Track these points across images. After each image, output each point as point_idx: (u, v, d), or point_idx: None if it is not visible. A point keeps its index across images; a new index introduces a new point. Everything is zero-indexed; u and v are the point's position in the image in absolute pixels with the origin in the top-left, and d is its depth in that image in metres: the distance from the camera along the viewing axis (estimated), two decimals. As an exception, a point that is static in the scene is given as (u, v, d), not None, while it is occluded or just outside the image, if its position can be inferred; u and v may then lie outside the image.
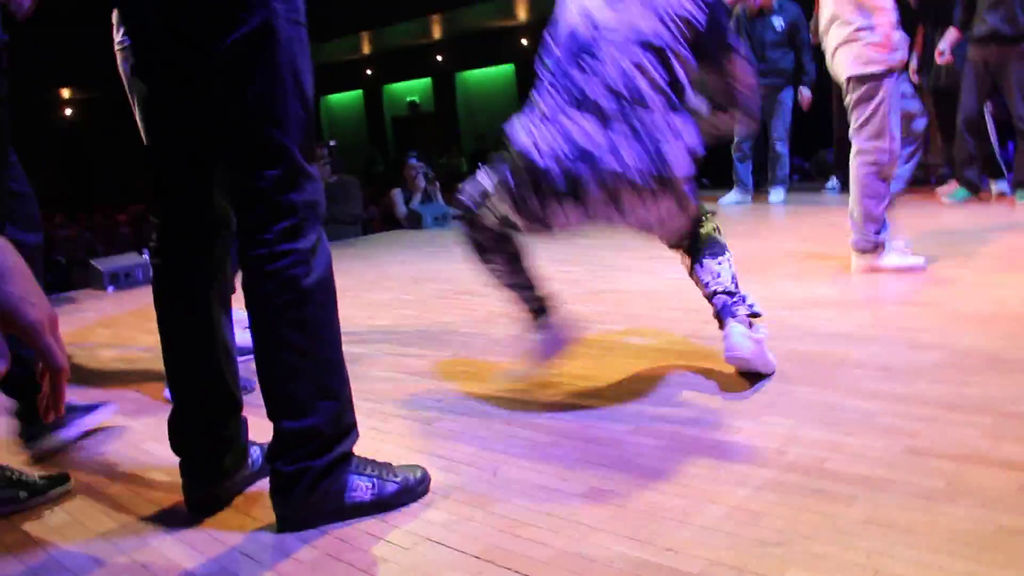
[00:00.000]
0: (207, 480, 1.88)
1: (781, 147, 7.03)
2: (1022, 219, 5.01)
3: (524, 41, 16.00)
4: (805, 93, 6.99)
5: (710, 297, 2.43)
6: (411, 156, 8.18)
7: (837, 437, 1.93)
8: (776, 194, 7.04)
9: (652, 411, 2.25)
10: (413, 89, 18.77)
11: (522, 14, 15.69)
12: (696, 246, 2.47)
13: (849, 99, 3.67)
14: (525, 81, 14.86)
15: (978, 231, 4.63)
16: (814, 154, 8.69)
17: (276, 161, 1.66)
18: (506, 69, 17.62)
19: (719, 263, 2.43)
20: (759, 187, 7.35)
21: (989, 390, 2.13)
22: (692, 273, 2.49)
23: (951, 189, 6.16)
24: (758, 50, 6.86)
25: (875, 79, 3.54)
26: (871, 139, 3.62)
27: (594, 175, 2.13)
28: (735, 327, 2.35)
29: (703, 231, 2.46)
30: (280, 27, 1.62)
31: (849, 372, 2.39)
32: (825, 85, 7.05)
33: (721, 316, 2.40)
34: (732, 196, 7.18)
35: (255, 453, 2.00)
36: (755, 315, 2.40)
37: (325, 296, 1.73)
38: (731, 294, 2.40)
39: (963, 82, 5.86)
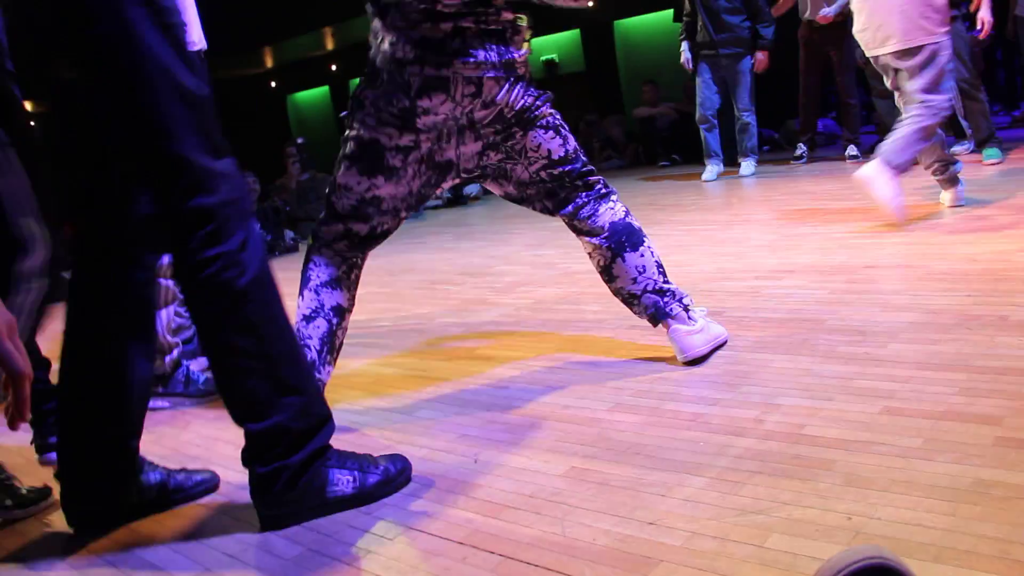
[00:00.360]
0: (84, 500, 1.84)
1: (748, 117, 6.98)
2: (987, 177, 5.04)
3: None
4: (759, 57, 6.89)
5: (638, 296, 2.38)
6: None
7: (814, 402, 1.94)
8: (747, 166, 7.01)
9: (630, 387, 2.25)
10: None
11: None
12: (590, 216, 2.37)
13: (912, 63, 3.80)
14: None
15: (937, 191, 4.65)
16: (783, 124, 8.71)
17: (175, 171, 1.61)
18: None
19: (640, 255, 2.36)
20: (731, 160, 7.34)
21: (962, 347, 2.15)
22: (609, 268, 2.39)
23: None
24: (714, 19, 6.79)
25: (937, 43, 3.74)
26: (934, 93, 3.79)
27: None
28: (678, 329, 2.36)
29: (614, 216, 2.37)
30: (141, 34, 1.55)
31: (825, 337, 2.40)
32: (790, 52, 7.05)
33: (656, 318, 2.38)
34: (711, 171, 7.12)
35: (153, 478, 1.92)
36: (688, 308, 2.39)
37: (264, 292, 1.69)
38: (662, 292, 2.37)
39: None
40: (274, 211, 7.37)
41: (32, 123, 2.03)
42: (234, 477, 2.01)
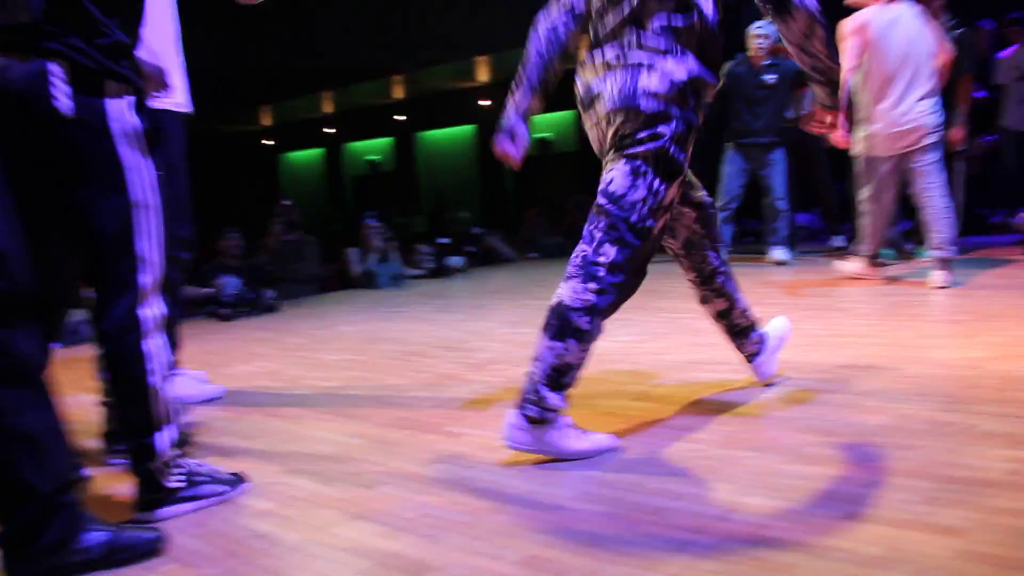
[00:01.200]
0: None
1: (782, 204, 6.77)
2: (968, 283, 5.10)
3: (483, 102, 16.16)
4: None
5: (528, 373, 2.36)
6: (369, 216, 8.19)
7: (778, 503, 1.92)
8: (781, 253, 6.77)
9: (595, 476, 2.23)
10: (374, 148, 18.84)
11: (482, 75, 15.91)
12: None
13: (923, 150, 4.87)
14: (485, 141, 15.03)
15: (917, 292, 4.71)
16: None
17: None
18: (466, 130, 17.76)
19: (549, 348, 2.30)
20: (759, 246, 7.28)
21: (929, 454, 2.14)
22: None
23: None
24: (752, 107, 6.73)
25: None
26: None
27: None
28: (512, 416, 2.35)
29: (564, 299, 2.31)
30: None
31: (793, 436, 2.39)
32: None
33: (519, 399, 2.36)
34: None
35: (98, 537, 1.87)
36: (545, 416, 2.32)
37: None
38: (534, 391, 2.31)
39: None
40: (256, 269, 7.37)
41: None
42: (188, 542, 1.97)
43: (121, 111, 1.99)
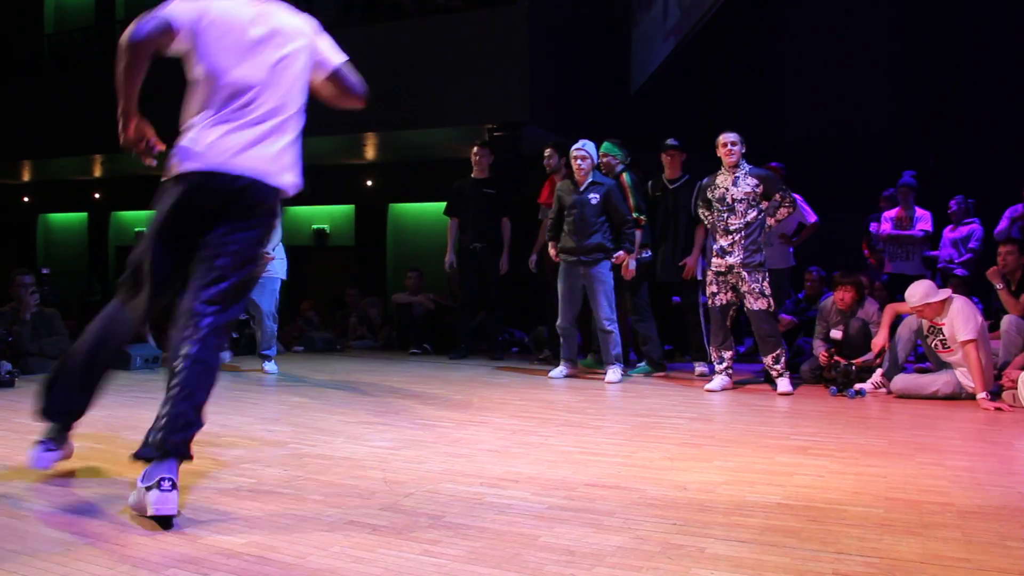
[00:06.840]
0: None
1: (610, 325, 6.75)
2: (714, 408, 5.44)
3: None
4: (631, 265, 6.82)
5: None
6: (126, 293, 7.67)
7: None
8: (613, 373, 6.75)
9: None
10: (144, 220, 17.96)
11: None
12: None
13: None
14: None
15: (671, 413, 4.98)
16: (533, 329, 9.05)
17: None
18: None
19: None
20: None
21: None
22: None
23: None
24: (581, 227, 6.79)
25: None
26: None
27: None
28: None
29: None
30: None
31: (535, 554, 2.42)
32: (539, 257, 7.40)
33: None
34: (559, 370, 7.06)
35: None
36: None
37: None
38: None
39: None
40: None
41: None
42: None
43: None
